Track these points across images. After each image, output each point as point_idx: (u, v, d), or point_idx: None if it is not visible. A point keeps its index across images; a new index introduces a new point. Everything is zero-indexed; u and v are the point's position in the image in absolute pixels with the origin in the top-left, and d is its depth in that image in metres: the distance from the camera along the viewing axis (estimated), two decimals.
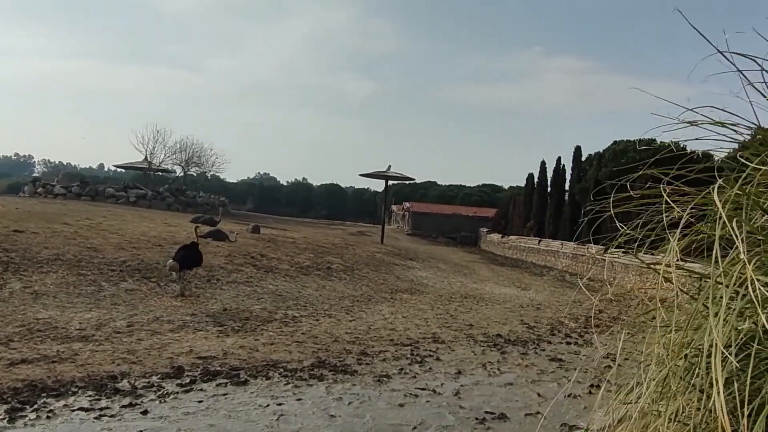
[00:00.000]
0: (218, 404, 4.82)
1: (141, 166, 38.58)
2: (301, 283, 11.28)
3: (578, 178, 27.74)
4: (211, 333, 7.23)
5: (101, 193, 30.06)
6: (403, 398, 5.34)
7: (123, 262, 10.46)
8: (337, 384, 5.60)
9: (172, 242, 13.05)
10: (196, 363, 5.87)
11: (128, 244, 12.21)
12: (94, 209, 20.71)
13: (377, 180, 27.15)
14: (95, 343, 6.34)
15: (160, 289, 9.25)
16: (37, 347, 6.05)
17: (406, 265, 16.36)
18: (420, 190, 52.25)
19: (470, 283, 14.82)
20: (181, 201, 31.97)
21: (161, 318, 7.70)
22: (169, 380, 5.31)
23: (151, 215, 20.90)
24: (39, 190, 30.63)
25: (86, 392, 4.82)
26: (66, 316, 7.35)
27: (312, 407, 4.93)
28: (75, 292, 8.48)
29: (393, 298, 11.11)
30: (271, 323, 8.05)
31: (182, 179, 43.16)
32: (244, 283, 10.44)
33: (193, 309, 8.40)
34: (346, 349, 6.91)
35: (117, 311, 7.86)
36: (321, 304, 9.79)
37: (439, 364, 6.66)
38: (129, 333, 6.88)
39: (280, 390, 5.30)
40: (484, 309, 10.83)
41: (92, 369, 5.44)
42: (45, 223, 13.56)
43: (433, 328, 8.62)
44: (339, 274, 12.73)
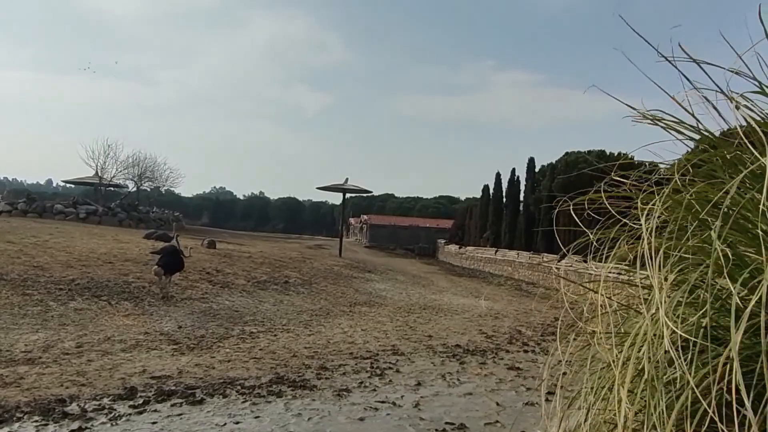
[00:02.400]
0: (173, 425, 4.68)
1: (91, 181, 37.44)
2: (258, 298, 11.12)
3: (532, 188, 28.29)
4: (166, 351, 7.04)
5: (49, 210, 29.05)
6: (363, 412, 5.30)
7: (72, 280, 10.11)
8: (296, 400, 5.52)
9: (123, 259, 12.71)
10: (149, 383, 5.70)
11: (77, 261, 11.82)
12: (41, 226, 19.99)
13: (335, 193, 27.10)
14: (42, 366, 6.09)
15: (111, 308, 8.97)
16: None
17: (364, 277, 16.33)
18: (378, 202, 52.41)
19: (429, 294, 14.88)
20: (133, 217, 31.18)
21: (113, 337, 7.46)
22: (121, 402, 5.13)
23: (101, 231, 20.31)
24: None
25: (32, 417, 4.61)
26: (10, 338, 7.05)
27: (270, 424, 4.84)
28: (20, 313, 8.15)
29: (352, 311, 11.06)
30: (227, 340, 7.90)
31: (135, 194, 42.11)
32: (199, 299, 10.23)
33: (146, 327, 8.17)
34: (305, 364, 6.83)
35: (65, 332, 7.58)
36: (279, 318, 9.66)
37: (398, 376, 6.64)
38: (78, 354, 6.64)
39: (237, 408, 5.19)
40: (443, 320, 10.88)
41: (39, 393, 5.21)
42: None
43: (393, 340, 8.60)
44: (297, 288, 12.61)
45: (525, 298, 15.82)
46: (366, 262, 21.36)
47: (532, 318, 11.85)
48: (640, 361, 1.55)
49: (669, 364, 1.56)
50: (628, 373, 1.55)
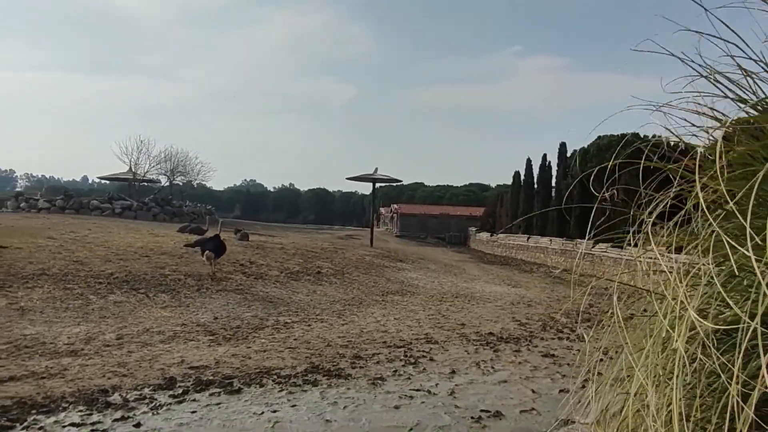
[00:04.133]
0: (212, 414, 4.77)
1: (125, 177, 38.22)
2: (292, 288, 11.23)
3: (564, 174, 27.91)
4: (203, 342, 7.17)
5: (86, 206, 29.75)
6: (398, 400, 5.33)
7: (110, 274, 10.36)
8: (331, 389, 5.57)
9: (159, 252, 12.96)
10: (188, 373, 5.82)
11: (115, 256, 12.10)
12: (79, 222, 20.50)
13: (365, 183, 27.14)
14: (85, 357, 6.27)
15: (149, 300, 9.17)
16: (25, 364, 5.97)
17: (396, 266, 16.35)
18: (408, 191, 52.30)
19: (461, 282, 14.84)
20: (167, 211, 31.74)
21: (151, 329, 7.63)
22: (161, 391, 5.25)
23: (137, 226, 20.73)
24: (22, 205, 30.24)
25: (77, 407, 4.75)
26: (54, 331, 7.26)
27: (307, 413, 4.90)
28: (62, 307, 8.38)
29: (384, 301, 11.10)
30: (262, 330, 8.00)
31: (168, 189, 42.84)
32: (234, 290, 10.38)
33: (183, 319, 8.33)
34: (339, 353, 6.88)
35: (106, 324, 7.77)
36: (312, 309, 9.75)
37: (432, 364, 6.65)
38: (119, 346, 6.81)
39: (274, 397, 5.26)
40: (475, 308, 10.84)
41: (82, 383, 5.37)
42: (29, 238, 13.40)
43: (426, 329, 8.61)
44: (329, 279, 12.69)
45: (558, 285, 15.66)
46: (397, 252, 21.38)
47: (565, 305, 11.72)
48: (675, 351, 1.52)
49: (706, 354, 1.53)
50: (676, 362, 1.52)
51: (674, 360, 1.78)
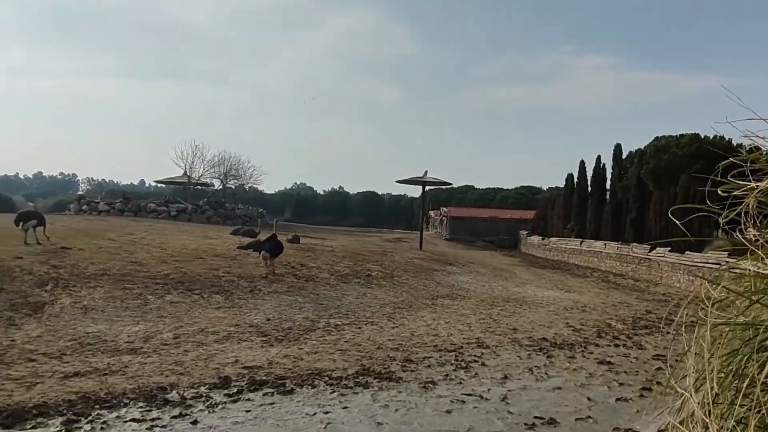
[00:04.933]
0: (266, 413, 4.85)
1: (181, 180, 39.32)
2: (342, 291, 11.31)
3: (619, 176, 27.18)
4: (256, 343, 7.29)
5: (143, 209, 30.74)
6: (450, 404, 5.29)
7: (166, 275, 10.65)
8: (382, 391, 5.57)
9: (213, 254, 13.26)
10: (242, 373, 5.92)
11: (170, 257, 12.44)
12: (137, 224, 21.19)
13: (414, 186, 27.12)
14: (144, 355, 6.46)
15: (203, 301, 9.38)
16: (89, 360, 6.20)
17: (445, 270, 16.26)
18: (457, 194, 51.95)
19: (512, 286, 14.63)
20: (220, 214, 32.45)
21: (206, 329, 7.81)
22: (217, 390, 5.36)
23: (191, 229, 21.28)
24: (84, 208, 31.48)
25: (137, 403, 4.91)
26: (115, 330, 7.52)
27: (359, 415, 4.91)
28: (122, 306, 8.67)
29: (434, 304, 11.04)
30: (313, 332, 8.08)
31: (221, 192, 43.84)
32: (285, 292, 10.52)
33: (237, 320, 8.49)
34: (389, 356, 6.88)
35: (163, 323, 8.00)
36: (362, 311, 9.78)
37: (484, 369, 6.57)
38: (176, 345, 7.00)
39: (326, 398, 5.30)
40: (527, 312, 10.67)
41: (142, 380, 5.54)
42: (90, 240, 13.93)
43: (477, 333, 8.52)
44: (379, 281, 12.72)
45: (613, 290, 15.24)
46: (447, 255, 21.27)
47: (621, 311, 11.41)
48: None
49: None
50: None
51: (745, 369, 1.69)
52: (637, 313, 11.09)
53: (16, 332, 7.11)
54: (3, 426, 4.28)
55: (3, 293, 8.50)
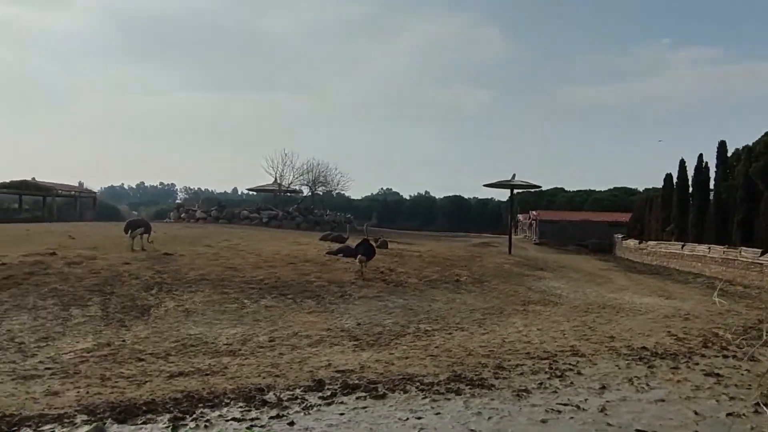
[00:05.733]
0: (359, 417, 4.91)
1: (271, 188, 40.75)
2: (431, 296, 11.28)
3: (724, 175, 25.47)
4: (347, 347, 7.41)
5: (237, 216, 32.07)
6: (545, 414, 5.14)
7: (261, 280, 11.03)
8: (474, 398, 5.50)
9: (304, 260, 13.61)
10: (335, 376, 6.03)
11: (264, 263, 12.87)
12: (231, 231, 22.11)
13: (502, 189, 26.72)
14: (242, 357, 6.73)
15: (296, 306, 9.64)
16: (191, 361, 6.52)
17: (536, 275, 15.86)
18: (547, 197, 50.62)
19: (607, 292, 14.05)
20: (309, 220, 33.32)
21: (299, 333, 8.02)
22: (312, 393, 5.49)
23: (282, 235, 21.97)
24: (182, 215, 33.27)
25: (237, 403, 5.11)
26: (214, 332, 7.87)
27: (451, 421, 4.87)
28: (220, 310, 9.06)
29: (525, 310, 10.79)
30: (404, 337, 8.11)
31: (310, 199, 45.01)
32: (375, 297, 10.62)
33: (328, 324, 8.66)
34: (481, 363, 6.79)
35: (259, 327, 8.29)
36: (452, 317, 9.72)
37: (580, 378, 6.34)
38: (271, 347, 7.23)
39: (418, 404, 5.30)
40: (624, 320, 10.21)
41: (241, 381, 5.76)
42: (190, 246, 14.67)
43: (571, 341, 8.24)
44: (468, 287, 12.59)
45: (719, 298, 14.29)
46: (537, 260, 20.75)
47: (729, 319, 10.66)
48: None
49: None
50: None
51: None
52: (747, 323, 10.33)
53: (126, 333, 7.60)
54: (117, 420, 4.58)
55: (114, 296, 9.12)
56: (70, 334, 7.38)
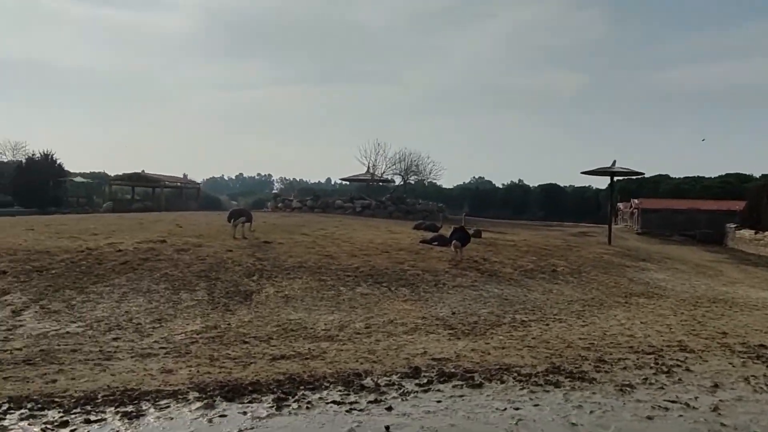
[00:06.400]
0: (456, 405, 4.91)
1: (363, 178, 41.39)
2: (526, 286, 11.05)
3: None
4: (443, 336, 7.41)
5: (331, 205, 32.79)
6: (651, 410, 4.92)
7: (356, 268, 11.23)
8: (575, 391, 5.35)
9: (397, 248, 13.71)
10: (431, 364, 6.06)
11: (359, 251, 13.09)
12: (326, 220, 22.66)
13: (600, 177, 25.63)
14: (339, 343, 6.90)
15: (391, 294, 9.74)
16: (292, 345, 6.77)
17: (638, 266, 15.12)
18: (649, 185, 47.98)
19: (718, 285, 13.19)
20: (401, 209, 33.49)
21: (395, 321, 8.11)
22: (408, 380, 5.55)
23: (376, 224, 22.24)
24: (279, 205, 34.43)
25: (336, 387, 5.25)
26: (313, 318, 8.12)
27: (551, 414, 4.77)
28: (318, 296, 9.31)
29: (628, 303, 10.33)
30: (499, 327, 8.01)
31: (402, 188, 45.29)
32: (469, 287, 10.54)
33: (423, 312, 8.70)
34: (581, 356, 6.59)
35: (355, 314, 8.46)
36: (549, 308, 9.48)
37: (689, 375, 6.01)
38: (368, 334, 7.36)
39: (515, 394, 5.23)
40: (738, 315, 9.55)
41: (339, 366, 5.91)
42: (287, 234, 15.17)
43: (679, 336, 7.81)
44: (565, 277, 12.22)
45: None
46: (639, 250, 19.76)
47: None
48: None
49: None
50: None
51: None
52: None
53: (231, 317, 7.99)
54: (226, 399, 4.84)
55: (219, 282, 9.60)
56: (180, 317, 7.86)
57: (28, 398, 4.70)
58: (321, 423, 4.46)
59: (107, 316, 7.65)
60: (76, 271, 9.60)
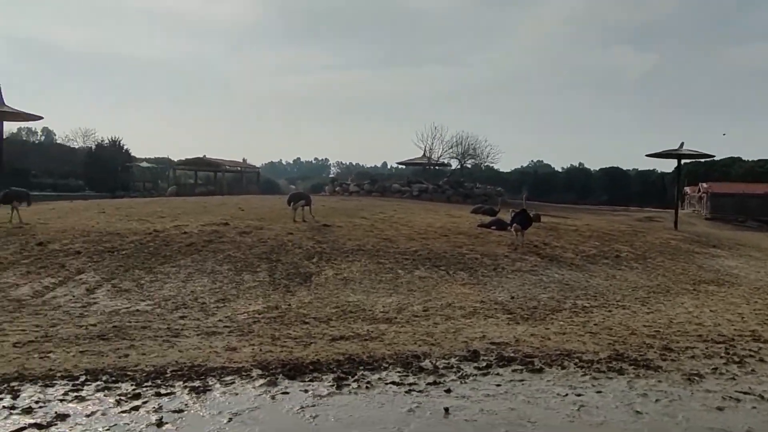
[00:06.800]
0: (516, 389, 4.86)
1: (420, 161, 41.24)
2: (588, 272, 10.79)
3: None
4: (501, 320, 7.34)
5: (388, 189, 32.81)
6: (722, 401, 4.74)
7: (414, 251, 11.23)
8: (639, 379, 5.22)
9: (456, 232, 13.63)
10: (490, 348, 6.02)
11: (417, 234, 13.08)
12: (384, 203, 22.71)
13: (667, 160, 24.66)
14: (398, 325, 6.93)
15: (449, 277, 9.71)
16: (351, 326, 6.85)
17: (708, 253, 14.51)
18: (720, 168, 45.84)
19: None
20: (459, 193, 33.18)
21: (453, 304, 8.08)
22: (467, 363, 5.53)
23: (434, 207, 22.13)
24: (337, 189, 34.73)
25: (395, 368, 5.29)
26: (371, 300, 8.18)
27: (614, 401, 4.67)
28: (376, 279, 9.37)
29: (696, 290, 9.95)
30: (560, 312, 7.86)
31: (459, 172, 44.91)
32: (529, 271, 10.38)
33: (482, 296, 8.63)
34: (645, 343, 6.40)
35: (413, 297, 8.47)
36: (612, 294, 9.23)
37: (764, 366, 5.76)
38: (426, 317, 7.37)
39: (577, 380, 5.13)
40: None
41: (398, 348, 5.95)
42: (346, 218, 15.30)
43: (752, 325, 7.48)
44: (629, 263, 11.86)
45: None
46: (708, 236, 18.94)
47: None
48: None
49: None
50: None
51: None
52: None
53: (291, 298, 8.15)
54: (288, 377, 4.96)
55: (279, 264, 9.80)
56: (243, 297, 8.07)
57: (103, 371, 4.96)
58: (381, 403, 4.50)
59: (174, 296, 7.94)
60: (144, 252, 10.00)
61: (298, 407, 4.36)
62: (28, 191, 14.60)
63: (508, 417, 4.29)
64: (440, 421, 4.20)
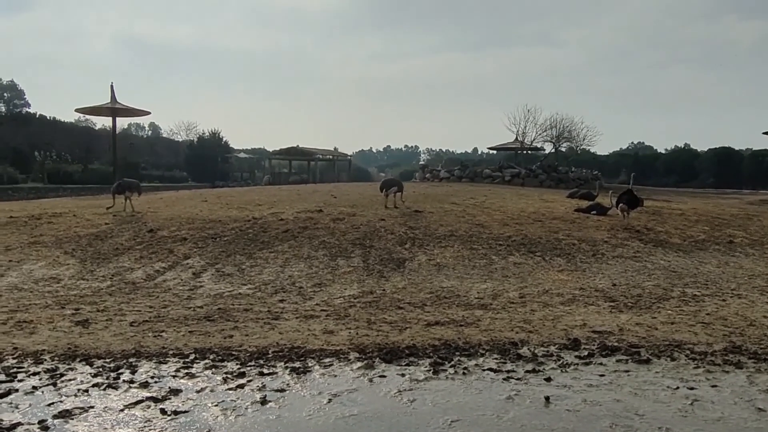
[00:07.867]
0: (621, 380, 4.63)
1: (512, 146, 40.26)
2: (698, 258, 10.12)
3: None
4: (603, 308, 7.03)
5: (479, 175, 32.32)
6: None
7: (508, 237, 10.98)
8: (760, 374, 4.82)
9: (551, 218, 13.21)
10: (591, 337, 5.77)
11: (510, 220, 12.79)
12: (475, 189, 22.37)
13: None
14: (493, 311, 6.80)
15: (545, 263, 9.42)
16: (446, 312, 6.79)
17: None
18: None
19: None
20: (553, 177, 32.17)
21: (550, 291, 7.83)
22: (567, 351, 5.33)
23: (527, 192, 21.57)
24: (427, 176, 34.65)
25: (492, 355, 5.19)
26: (465, 286, 8.08)
27: (732, 396, 4.33)
28: (470, 265, 9.25)
29: None
30: (667, 301, 7.41)
31: (553, 156, 43.45)
32: (631, 258, 9.88)
33: (581, 283, 8.31)
34: (766, 335, 5.90)
35: (508, 283, 8.29)
36: (725, 282, 8.60)
37: None
38: (522, 304, 7.18)
39: (689, 373, 4.81)
40: None
41: (494, 334, 5.82)
42: (437, 204, 15.19)
43: None
44: (744, 249, 11.01)
45: None
46: None
47: None
48: None
49: None
50: None
51: None
52: None
53: (386, 283, 8.19)
54: (384, 360, 4.98)
55: (373, 250, 9.88)
56: (338, 282, 8.21)
57: (210, 350, 5.19)
58: (478, 389, 4.42)
59: (273, 280, 8.20)
60: (244, 238, 10.39)
61: (395, 390, 4.36)
62: (139, 182, 15.62)
63: (614, 409, 4.09)
64: (540, 410, 4.06)
